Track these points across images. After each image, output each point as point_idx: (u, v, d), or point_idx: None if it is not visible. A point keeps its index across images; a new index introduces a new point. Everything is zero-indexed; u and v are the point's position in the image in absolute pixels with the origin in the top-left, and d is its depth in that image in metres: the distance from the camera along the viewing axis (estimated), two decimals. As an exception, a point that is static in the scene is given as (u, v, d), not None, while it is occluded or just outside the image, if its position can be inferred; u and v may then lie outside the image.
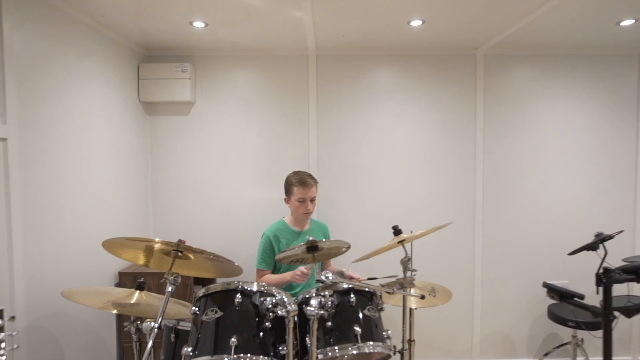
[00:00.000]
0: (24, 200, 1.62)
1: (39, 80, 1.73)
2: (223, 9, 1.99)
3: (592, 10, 2.02)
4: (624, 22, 2.19)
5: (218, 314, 1.37)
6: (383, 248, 1.72)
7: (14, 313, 1.51)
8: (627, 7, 2.00)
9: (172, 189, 2.77)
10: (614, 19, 2.15)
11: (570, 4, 1.90)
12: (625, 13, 2.09)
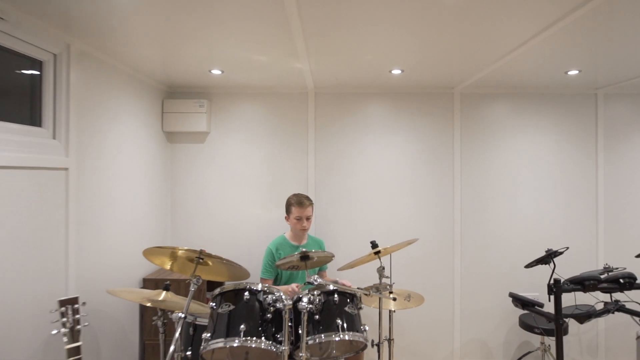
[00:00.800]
0: (79, 216, 2.03)
1: (89, 118, 2.17)
2: (237, 62, 2.44)
3: (543, 62, 2.43)
4: (570, 72, 2.60)
5: (230, 307, 1.75)
6: (362, 259, 2.11)
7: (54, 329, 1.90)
8: (571, 60, 2.41)
9: (188, 207, 3.18)
10: (562, 69, 2.57)
11: (525, 57, 2.29)
12: (570, 65, 2.50)
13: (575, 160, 3.16)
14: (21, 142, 1.75)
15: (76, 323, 1.51)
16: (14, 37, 1.72)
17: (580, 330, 3.17)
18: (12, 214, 1.65)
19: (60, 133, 1.98)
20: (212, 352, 1.77)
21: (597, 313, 2.51)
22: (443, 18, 1.73)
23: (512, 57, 2.25)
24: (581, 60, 2.36)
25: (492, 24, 1.78)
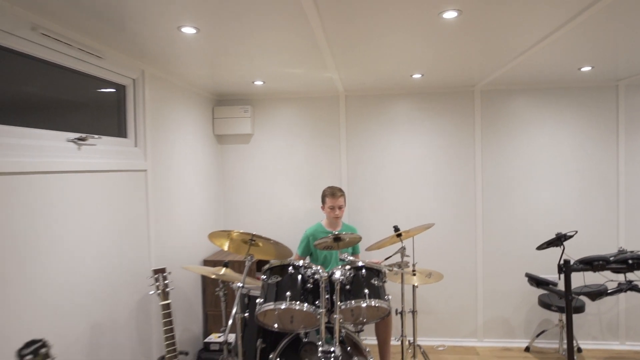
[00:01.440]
0: (155, 207, 2.54)
1: (159, 128, 2.67)
2: (275, 75, 2.85)
3: (558, 59, 2.62)
4: (583, 68, 2.79)
5: (278, 279, 2.18)
6: (386, 241, 2.47)
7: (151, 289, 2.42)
8: (584, 58, 2.60)
9: (236, 200, 3.66)
10: (576, 66, 2.76)
11: (539, 55, 2.47)
12: (583, 62, 2.69)
13: (596, 150, 3.32)
14: (115, 151, 2.26)
15: (165, 286, 1.99)
16: (106, 69, 2.22)
17: (600, 311, 3.35)
18: (111, 206, 2.16)
19: (140, 142, 2.49)
20: (264, 314, 2.21)
21: (609, 292, 2.72)
22: (458, 23, 2.03)
23: (529, 54, 2.43)
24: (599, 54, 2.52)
25: (509, 23, 2.06)
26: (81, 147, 2.00)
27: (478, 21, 1.87)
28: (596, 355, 3.23)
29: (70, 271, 1.85)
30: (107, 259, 2.09)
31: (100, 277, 2.03)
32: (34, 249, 1.66)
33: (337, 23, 1.86)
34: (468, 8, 1.71)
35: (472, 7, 1.70)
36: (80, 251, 1.91)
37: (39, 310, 1.67)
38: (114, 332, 2.12)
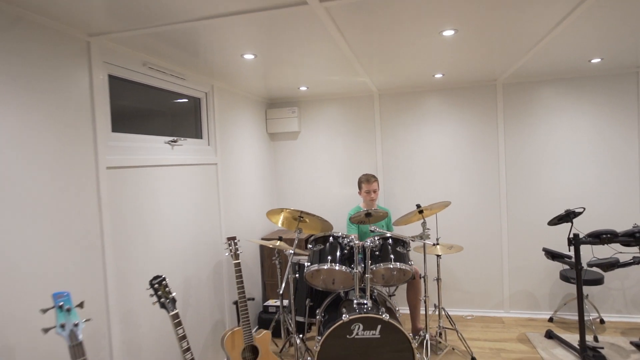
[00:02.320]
0: (224, 192, 3.21)
1: (225, 129, 3.33)
2: (317, 81, 3.40)
3: (570, 51, 2.89)
4: (593, 60, 3.05)
5: (321, 247, 2.74)
6: (411, 217, 2.94)
7: (225, 250, 3.09)
8: (594, 50, 2.86)
9: (286, 187, 4.28)
10: (586, 58, 3.03)
11: (552, 47, 2.76)
12: (593, 54, 2.96)
13: (615, 135, 3.52)
14: (194, 149, 2.94)
15: (236, 250, 2.63)
16: (187, 87, 2.90)
17: (624, 285, 3.57)
18: (194, 191, 2.85)
19: (211, 141, 3.16)
20: (311, 275, 2.79)
21: (620, 263, 2.99)
22: (456, 39, 2.46)
23: (541, 46, 2.70)
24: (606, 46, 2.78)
25: (519, 18, 2.46)
26: (173, 147, 2.69)
27: (472, 36, 2.29)
28: (618, 326, 3.47)
29: (170, 238, 2.55)
30: (191, 230, 2.79)
31: (187, 243, 2.73)
32: (149, 219, 2.36)
33: (359, 41, 2.36)
34: (463, 28, 2.15)
35: (466, 27, 2.13)
36: (175, 223, 2.61)
37: (156, 262, 2.37)
38: (198, 283, 2.82)
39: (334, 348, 2.46)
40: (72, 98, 1.90)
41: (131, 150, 2.32)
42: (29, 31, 1.69)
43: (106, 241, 2.03)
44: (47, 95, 1.76)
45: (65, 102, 1.85)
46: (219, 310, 3.06)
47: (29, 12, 1.66)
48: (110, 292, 2.04)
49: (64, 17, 1.75)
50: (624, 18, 2.12)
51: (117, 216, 2.13)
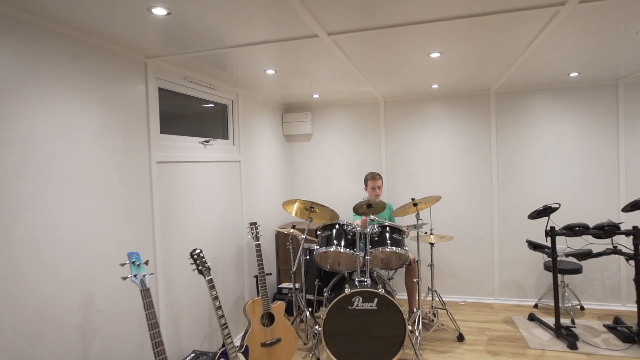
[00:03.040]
0: (245, 186, 3.72)
1: (247, 131, 3.83)
2: (328, 90, 3.88)
3: (548, 67, 3.31)
4: (572, 74, 3.45)
5: (328, 233, 3.22)
6: (407, 209, 3.39)
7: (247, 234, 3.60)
8: (572, 65, 3.27)
9: (300, 184, 4.77)
10: (565, 72, 3.43)
11: (530, 63, 3.18)
12: (571, 69, 3.36)
13: (598, 140, 3.91)
14: (222, 148, 3.46)
15: (257, 233, 3.13)
16: (217, 95, 3.42)
17: (603, 276, 3.94)
18: (221, 183, 3.36)
19: (236, 142, 3.67)
20: (320, 257, 3.27)
21: (594, 254, 3.37)
22: (442, 59, 2.91)
23: (519, 63, 3.12)
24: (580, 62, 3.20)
25: (495, 40, 2.90)
26: (206, 146, 3.21)
27: (456, 56, 2.73)
28: (596, 313, 3.84)
29: (201, 223, 3.06)
30: (218, 217, 3.30)
31: (215, 228, 3.24)
32: (186, 205, 2.88)
33: (362, 62, 2.83)
34: (446, 51, 2.60)
35: (450, 49, 2.58)
36: (205, 210, 3.12)
37: (190, 242, 2.89)
38: (223, 263, 3.33)
39: (337, 317, 2.93)
40: (133, 106, 2.43)
41: (174, 149, 2.84)
42: (105, 55, 2.22)
43: (155, 220, 2.55)
44: (116, 103, 2.29)
45: (128, 110, 2.38)
46: (240, 286, 3.57)
47: (104, 42, 2.19)
48: (157, 260, 2.56)
49: (128, 45, 2.27)
50: (591, 39, 2.53)
51: (162, 201, 2.65)
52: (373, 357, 2.91)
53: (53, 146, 1.88)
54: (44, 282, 1.81)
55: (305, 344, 3.43)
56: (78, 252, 1.99)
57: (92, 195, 2.09)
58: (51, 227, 1.85)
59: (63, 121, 1.94)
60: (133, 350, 2.32)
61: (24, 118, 1.75)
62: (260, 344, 2.89)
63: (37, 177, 1.80)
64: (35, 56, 1.82)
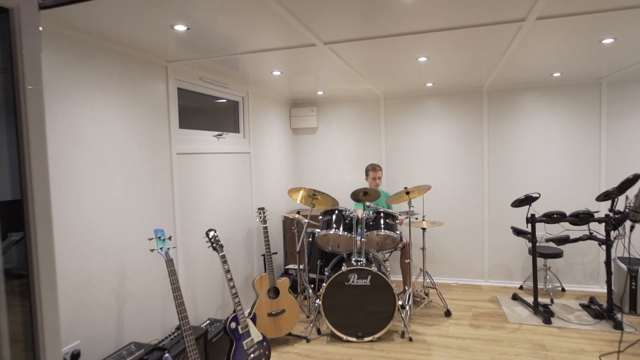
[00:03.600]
0: (255, 175, 4.10)
1: (256, 125, 4.20)
2: (332, 88, 4.21)
3: (531, 68, 3.59)
4: (555, 74, 3.72)
5: (329, 217, 3.59)
6: (401, 197, 3.73)
7: (256, 218, 3.99)
8: (553, 67, 3.54)
9: (306, 173, 5.14)
10: (548, 72, 3.71)
11: (512, 65, 3.50)
12: (553, 70, 3.63)
13: (582, 135, 4.18)
14: (234, 141, 3.83)
15: (265, 217, 3.52)
16: (229, 93, 3.78)
17: (584, 261, 4.24)
18: (233, 173, 3.74)
19: (246, 135, 4.04)
20: (321, 239, 3.64)
21: (571, 239, 3.69)
22: (429, 63, 3.22)
23: (501, 65, 3.43)
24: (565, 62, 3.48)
25: (474, 46, 3.20)
26: (219, 139, 3.59)
27: (442, 60, 3.04)
28: (576, 294, 4.16)
29: (215, 208, 3.45)
30: (230, 203, 3.69)
31: (227, 213, 3.63)
32: (202, 192, 3.27)
33: (358, 65, 3.16)
34: (432, 56, 2.92)
35: (435, 55, 2.90)
36: (218, 197, 3.51)
37: (205, 225, 3.29)
38: (234, 244, 3.73)
39: (335, 291, 3.32)
40: (156, 104, 2.81)
41: (191, 142, 3.23)
42: (132, 61, 2.60)
43: (175, 203, 2.95)
44: (141, 101, 2.68)
45: (151, 107, 2.77)
46: (249, 265, 3.97)
47: (132, 50, 2.56)
48: (177, 239, 2.97)
49: (152, 52, 2.65)
50: (561, 46, 2.82)
51: (181, 187, 3.05)
52: (366, 327, 3.29)
53: (91, 137, 2.27)
54: (86, 253, 2.22)
55: (307, 317, 3.83)
56: (112, 228, 2.39)
57: (123, 180, 2.49)
58: (90, 207, 2.26)
59: (99, 116, 2.33)
60: (158, 313, 2.74)
61: (69, 113, 2.14)
62: (267, 314, 3.29)
63: (81, 163, 2.20)
64: (77, 62, 2.20)
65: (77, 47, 2.18)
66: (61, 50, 2.09)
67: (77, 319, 2.13)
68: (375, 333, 3.30)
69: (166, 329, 2.81)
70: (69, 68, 2.14)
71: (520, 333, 3.36)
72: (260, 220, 3.54)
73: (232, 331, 2.72)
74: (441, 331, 3.46)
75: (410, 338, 3.34)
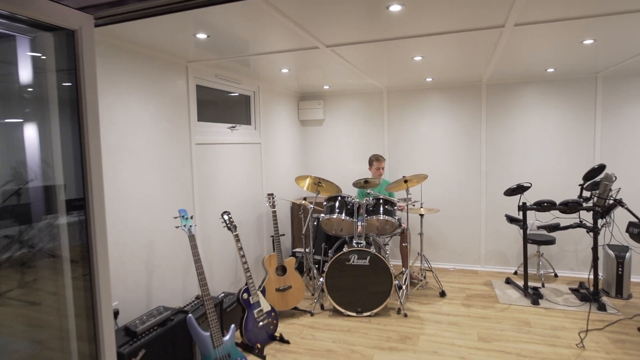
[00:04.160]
0: (265, 164, 4.42)
1: (267, 118, 4.51)
2: (338, 83, 4.48)
3: (526, 63, 3.79)
4: (548, 70, 3.92)
5: (332, 203, 3.90)
6: (399, 185, 4.01)
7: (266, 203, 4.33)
8: (545, 63, 3.74)
9: (313, 163, 5.45)
10: (542, 68, 3.91)
11: (508, 62, 3.72)
12: (546, 66, 3.83)
13: (577, 127, 4.37)
14: (246, 132, 4.16)
15: (274, 202, 3.85)
16: (242, 88, 4.10)
17: (577, 248, 4.47)
18: (245, 162, 4.07)
19: (257, 127, 4.36)
20: (325, 223, 3.96)
21: (562, 227, 3.92)
22: (424, 62, 3.47)
23: (494, 62, 3.66)
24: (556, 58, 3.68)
25: (465, 46, 3.44)
26: (232, 131, 3.92)
27: (436, 59, 3.28)
28: (567, 280, 4.39)
29: (229, 194, 3.80)
30: (243, 190, 4.03)
31: (240, 199, 3.98)
32: (217, 178, 3.61)
33: (360, 63, 3.43)
34: (427, 55, 3.16)
35: (429, 54, 3.14)
36: (232, 184, 3.85)
37: (220, 209, 3.64)
38: (246, 226, 4.08)
39: (337, 270, 3.64)
40: (178, 99, 3.14)
41: (208, 133, 3.56)
42: (157, 62, 2.92)
43: (195, 188, 3.30)
44: (165, 97, 3.01)
45: (173, 102, 3.10)
46: (260, 246, 4.33)
47: (158, 52, 2.89)
48: (196, 220, 3.32)
49: (175, 54, 2.97)
50: (546, 46, 3.04)
51: (200, 174, 3.39)
52: (365, 304, 3.61)
53: (124, 129, 2.62)
54: (122, 228, 2.58)
55: (312, 295, 4.17)
56: (142, 208, 2.75)
57: (151, 167, 2.84)
58: (125, 190, 2.61)
59: (130, 111, 2.68)
60: (180, 283, 3.11)
61: (108, 110, 2.49)
62: (275, 289, 3.64)
63: (119, 153, 2.55)
64: (110, 64, 2.54)
65: (112, 51, 2.52)
66: (101, 56, 2.43)
67: (115, 284, 2.51)
68: (373, 309, 3.62)
69: (187, 298, 3.19)
70: (105, 70, 2.48)
71: (508, 312, 3.64)
72: (269, 205, 3.87)
73: (244, 301, 3.08)
74: (435, 309, 3.76)
75: (406, 314, 3.65)
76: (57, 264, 1.73)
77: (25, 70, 1.85)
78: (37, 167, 1.79)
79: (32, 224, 1.71)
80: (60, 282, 1.70)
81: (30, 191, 1.75)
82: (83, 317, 1.65)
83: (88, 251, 1.63)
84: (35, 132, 1.88)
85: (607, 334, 3.17)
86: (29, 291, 1.65)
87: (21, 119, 1.94)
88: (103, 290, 1.63)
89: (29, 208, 1.72)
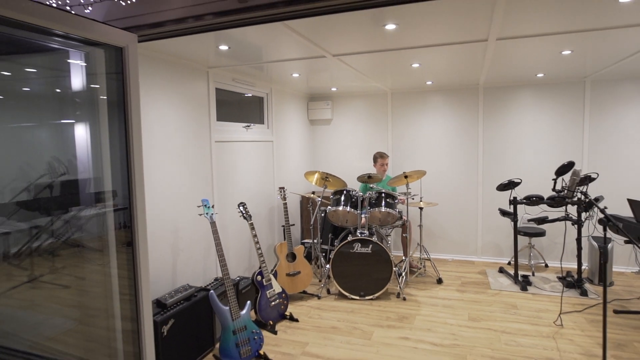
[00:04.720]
0: (275, 160, 4.79)
1: (279, 117, 4.88)
2: (345, 85, 4.83)
3: (516, 69, 4.11)
4: (538, 74, 4.23)
5: (338, 196, 4.26)
6: (400, 180, 4.35)
7: (277, 196, 4.70)
8: (535, 69, 4.05)
9: (321, 160, 5.81)
10: (534, 73, 4.21)
11: (499, 68, 4.05)
12: (536, 71, 4.14)
13: (570, 128, 4.67)
14: (259, 131, 4.53)
15: (285, 194, 4.22)
16: (256, 90, 4.47)
17: (567, 240, 4.77)
18: (259, 158, 4.45)
19: (270, 126, 4.74)
20: (332, 214, 4.32)
21: (549, 220, 4.23)
22: (421, 68, 3.80)
23: (487, 67, 4.00)
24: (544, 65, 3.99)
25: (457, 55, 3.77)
26: (247, 130, 4.30)
27: (432, 65, 3.61)
28: (557, 270, 4.70)
29: (243, 188, 4.18)
30: (256, 184, 4.41)
31: (253, 192, 4.36)
32: (233, 174, 4.00)
33: (365, 68, 3.78)
34: (423, 62, 3.50)
35: (426, 61, 3.48)
36: (247, 179, 4.24)
37: (238, 199, 4.02)
38: (259, 217, 4.47)
39: (342, 257, 4.00)
40: (199, 101, 3.53)
41: (225, 132, 3.94)
42: (181, 68, 3.31)
43: (214, 181, 3.69)
44: (188, 99, 3.40)
45: (197, 103, 3.48)
46: (271, 236, 4.71)
47: (183, 60, 3.27)
48: (215, 210, 3.71)
49: (198, 62, 3.35)
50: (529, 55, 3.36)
51: (218, 169, 3.78)
52: (368, 289, 3.98)
53: (155, 129, 3.01)
54: (152, 215, 2.98)
55: (319, 281, 4.54)
56: (168, 199, 3.14)
57: (177, 162, 3.23)
58: (155, 181, 3.01)
59: (159, 111, 3.06)
60: (200, 266, 3.51)
61: (143, 113, 2.88)
62: (286, 274, 4.02)
63: (151, 149, 2.94)
64: (143, 70, 2.93)
65: (143, 59, 2.91)
66: (135, 64, 2.81)
67: (146, 263, 2.90)
68: (375, 293, 3.98)
69: (206, 279, 3.58)
70: (140, 76, 2.86)
71: (498, 297, 3.97)
72: (280, 198, 4.25)
73: (259, 282, 3.46)
74: (431, 294, 4.11)
75: (404, 298, 4.01)
76: (104, 246, 2.14)
77: (76, 79, 2.26)
78: (86, 162, 2.20)
79: (80, 212, 2.12)
80: (107, 260, 2.11)
81: (80, 183, 2.15)
82: (126, 288, 2.04)
83: (132, 236, 2.03)
84: (86, 131, 2.29)
85: (585, 316, 3.49)
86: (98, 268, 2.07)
87: (73, 120, 2.35)
88: (143, 267, 2.02)
89: (85, 197, 2.13)
